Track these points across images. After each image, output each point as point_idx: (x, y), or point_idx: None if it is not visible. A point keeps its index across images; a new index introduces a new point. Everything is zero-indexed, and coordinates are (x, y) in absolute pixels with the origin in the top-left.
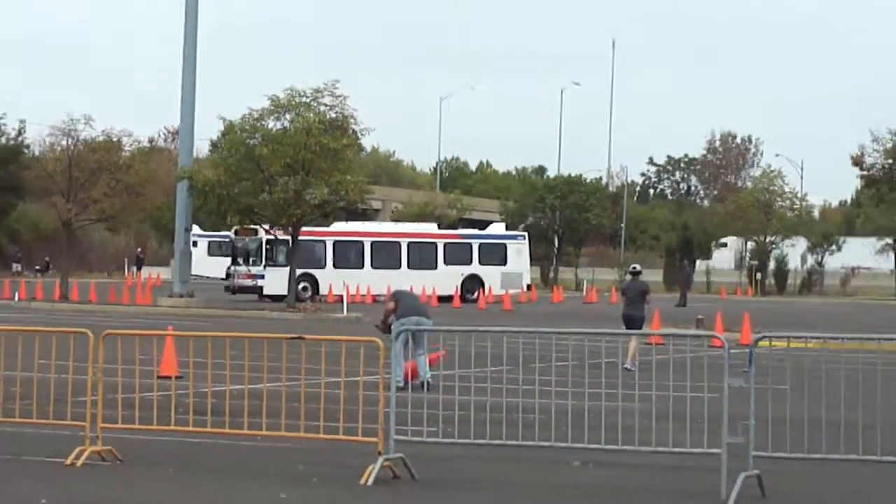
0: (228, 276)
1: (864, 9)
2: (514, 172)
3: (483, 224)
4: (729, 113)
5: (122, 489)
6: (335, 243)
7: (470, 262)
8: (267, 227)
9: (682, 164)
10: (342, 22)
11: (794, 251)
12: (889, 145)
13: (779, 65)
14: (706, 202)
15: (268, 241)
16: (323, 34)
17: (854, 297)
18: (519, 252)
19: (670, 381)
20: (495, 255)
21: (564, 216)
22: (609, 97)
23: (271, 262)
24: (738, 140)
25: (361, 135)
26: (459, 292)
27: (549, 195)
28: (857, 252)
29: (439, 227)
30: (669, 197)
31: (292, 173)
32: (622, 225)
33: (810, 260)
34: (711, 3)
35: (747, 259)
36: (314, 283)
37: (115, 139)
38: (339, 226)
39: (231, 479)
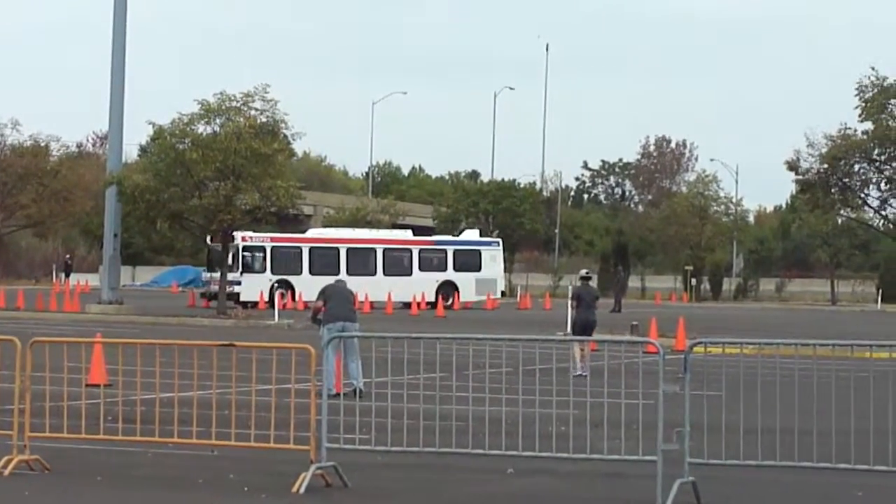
0: (204, 282)
1: (798, 12)
2: (447, 177)
3: (418, 230)
4: (664, 118)
5: (51, 499)
6: (311, 250)
7: (445, 268)
8: (251, 234)
9: (617, 169)
10: (274, 26)
11: (728, 255)
12: (824, 150)
13: (714, 69)
14: (641, 207)
15: (244, 248)
16: (254, 38)
17: (789, 303)
18: (493, 258)
19: (605, 387)
20: (470, 261)
21: (497, 221)
22: (542, 102)
23: (248, 268)
24: (673, 144)
25: (292, 139)
26: (429, 298)
27: (483, 200)
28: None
29: (414, 234)
30: (604, 202)
31: (222, 178)
32: (556, 231)
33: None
34: (645, 6)
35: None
36: (291, 290)
37: (42, 144)
38: (315, 232)
39: (161, 488)
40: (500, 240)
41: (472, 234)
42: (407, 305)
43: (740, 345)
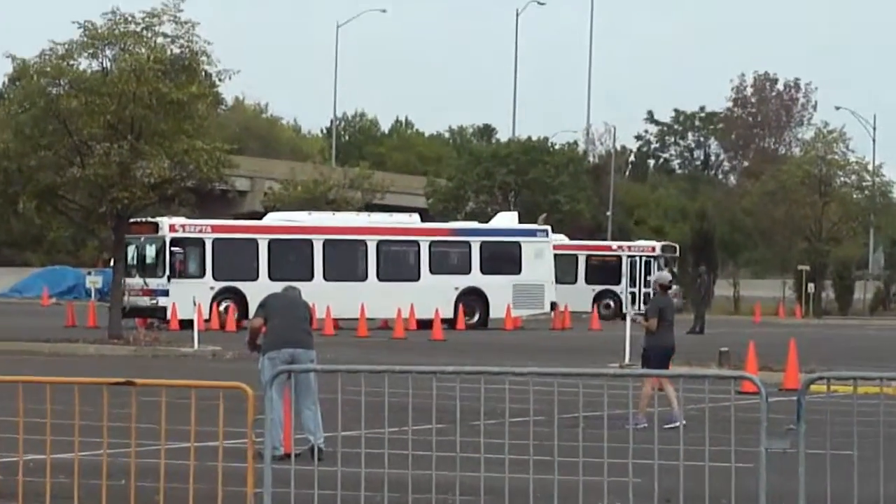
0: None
1: None
2: (447, 136)
3: (404, 211)
4: (767, 48)
5: None
6: (272, 244)
7: (468, 269)
8: (183, 221)
9: (698, 123)
10: None
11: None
12: None
13: None
14: (732, 178)
15: (174, 242)
16: None
17: None
18: (539, 255)
19: (680, 444)
20: (506, 259)
21: (523, 200)
22: (588, 22)
23: (180, 271)
24: (781, 86)
25: (219, 80)
26: (446, 314)
27: (500, 168)
28: None
29: (422, 219)
30: (678, 170)
31: (116, 138)
32: (608, 213)
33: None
34: None
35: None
36: (241, 302)
37: None
38: (277, 218)
39: None
40: (548, 228)
41: (507, 220)
42: (420, 324)
43: (879, 381)
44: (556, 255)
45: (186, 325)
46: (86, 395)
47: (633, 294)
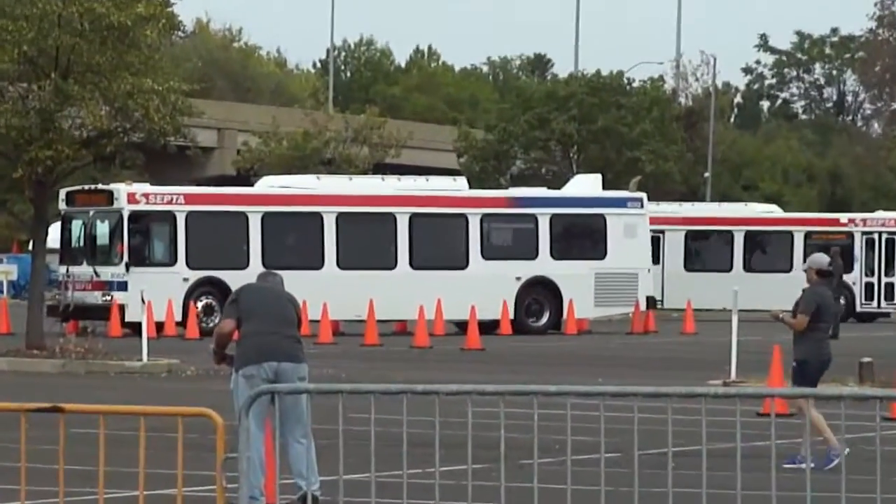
0: (53, 284)
1: None
2: (484, 70)
3: (430, 173)
4: None
5: None
6: (266, 219)
7: (534, 252)
8: (146, 188)
9: (829, 51)
10: None
11: None
12: None
13: None
14: (876, 125)
15: (135, 217)
16: None
17: None
18: (631, 231)
19: (807, 489)
20: (585, 238)
21: (589, 155)
22: None
23: (142, 256)
24: None
25: None
26: (513, 312)
27: (558, 113)
28: None
29: (470, 185)
30: (802, 116)
31: (35, 76)
32: (706, 174)
33: None
34: None
35: None
36: (225, 299)
37: None
38: (272, 184)
39: None
40: (643, 196)
41: (586, 185)
42: (461, 326)
43: None
44: (764, 233)
45: (158, 328)
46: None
47: (869, 285)
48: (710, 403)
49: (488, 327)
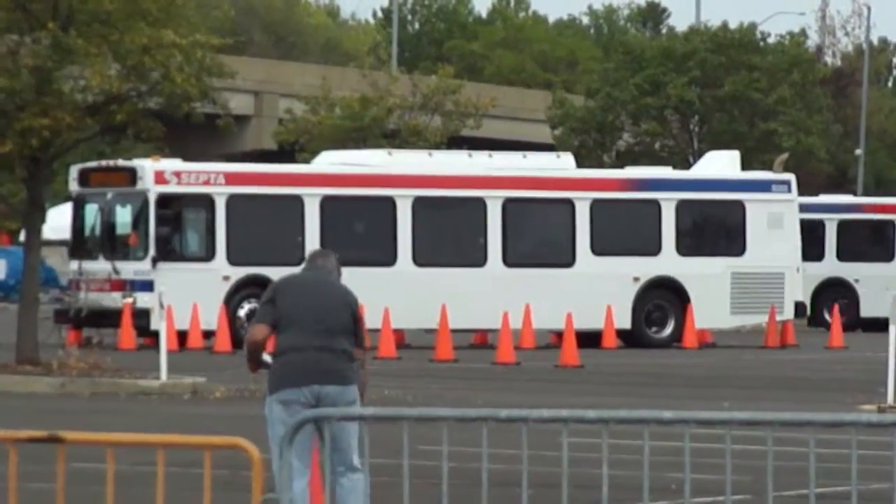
0: (62, 286)
1: None
2: (584, 23)
3: (522, 147)
4: None
5: None
6: (326, 204)
7: (656, 247)
8: (178, 164)
9: None
10: None
11: None
12: None
13: None
14: None
15: (163, 201)
16: None
17: None
18: (777, 221)
19: None
20: (718, 229)
21: (713, 129)
22: None
23: (172, 249)
24: None
25: None
26: (620, 322)
27: (675, 76)
28: None
29: (578, 164)
30: None
31: (30, 27)
32: (858, 152)
33: None
34: None
35: None
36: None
37: None
38: (335, 159)
39: None
40: (790, 178)
41: (720, 165)
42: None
43: None
44: None
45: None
46: None
47: None
48: (862, 434)
49: (596, 339)
